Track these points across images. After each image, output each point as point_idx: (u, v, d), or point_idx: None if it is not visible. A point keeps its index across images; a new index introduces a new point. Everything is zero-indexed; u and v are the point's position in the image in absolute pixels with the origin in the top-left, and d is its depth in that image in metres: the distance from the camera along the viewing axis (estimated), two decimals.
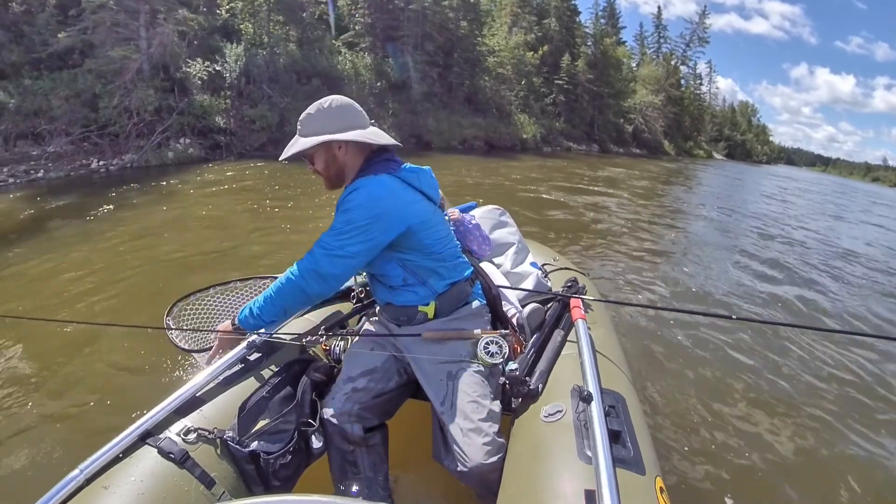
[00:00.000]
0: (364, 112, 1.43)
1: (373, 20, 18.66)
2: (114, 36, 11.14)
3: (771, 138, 78.47)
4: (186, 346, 1.62)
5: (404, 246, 1.39)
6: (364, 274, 1.73)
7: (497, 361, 1.36)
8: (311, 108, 1.38)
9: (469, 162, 14.70)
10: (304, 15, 16.19)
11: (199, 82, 12.66)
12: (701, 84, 45.85)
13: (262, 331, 1.43)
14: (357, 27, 18.81)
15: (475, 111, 20.11)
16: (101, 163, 10.68)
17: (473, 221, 1.93)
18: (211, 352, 1.47)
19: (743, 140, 61.07)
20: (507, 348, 1.37)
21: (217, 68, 13.13)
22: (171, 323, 1.64)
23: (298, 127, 1.40)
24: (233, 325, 1.42)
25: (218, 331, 1.46)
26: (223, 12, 14.92)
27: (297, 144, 1.37)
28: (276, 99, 14.06)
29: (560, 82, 25.42)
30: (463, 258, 1.54)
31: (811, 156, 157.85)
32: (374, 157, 1.41)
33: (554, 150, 23.48)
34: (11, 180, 9.20)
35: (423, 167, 1.48)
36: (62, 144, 10.32)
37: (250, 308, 1.40)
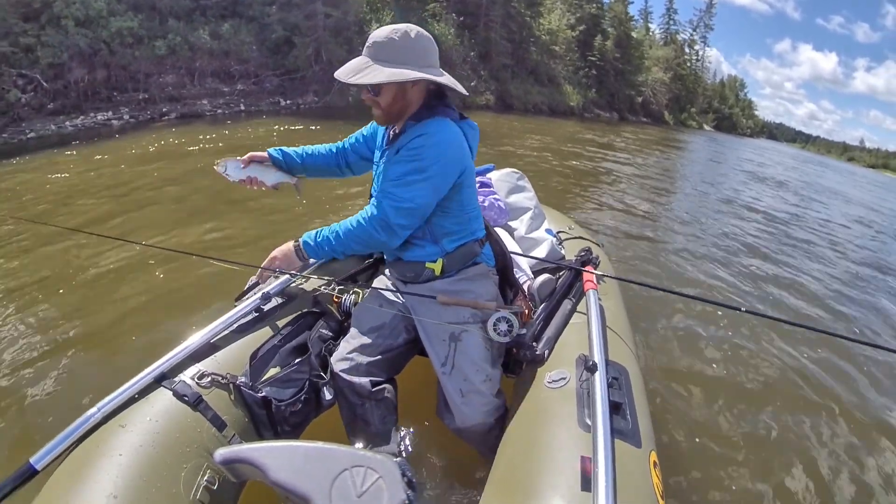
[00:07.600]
0: None
1: None
2: None
3: (756, 113, 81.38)
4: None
5: (443, 200, 1.36)
6: None
7: (504, 340, 1.36)
8: (394, 35, 1.25)
9: (539, 121, 20.27)
10: None
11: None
12: (698, 61, 49.40)
13: (282, 278, 1.49)
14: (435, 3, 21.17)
15: (536, 81, 25.18)
16: (287, 101, 12.48)
17: (486, 203, 1.96)
18: (266, 262, 1.48)
19: (730, 113, 63.31)
20: (517, 327, 1.37)
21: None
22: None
23: (371, 50, 1.26)
24: (294, 242, 1.45)
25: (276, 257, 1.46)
26: None
27: (381, 73, 1.23)
28: None
29: (593, 59, 30.58)
30: (481, 219, 1.57)
31: (792, 132, 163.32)
32: (435, 101, 1.35)
33: (591, 116, 28.89)
34: (220, 111, 10.62)
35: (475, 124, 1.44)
36: (249, 84, 11.94)
37: (317, 234, 1.41)
